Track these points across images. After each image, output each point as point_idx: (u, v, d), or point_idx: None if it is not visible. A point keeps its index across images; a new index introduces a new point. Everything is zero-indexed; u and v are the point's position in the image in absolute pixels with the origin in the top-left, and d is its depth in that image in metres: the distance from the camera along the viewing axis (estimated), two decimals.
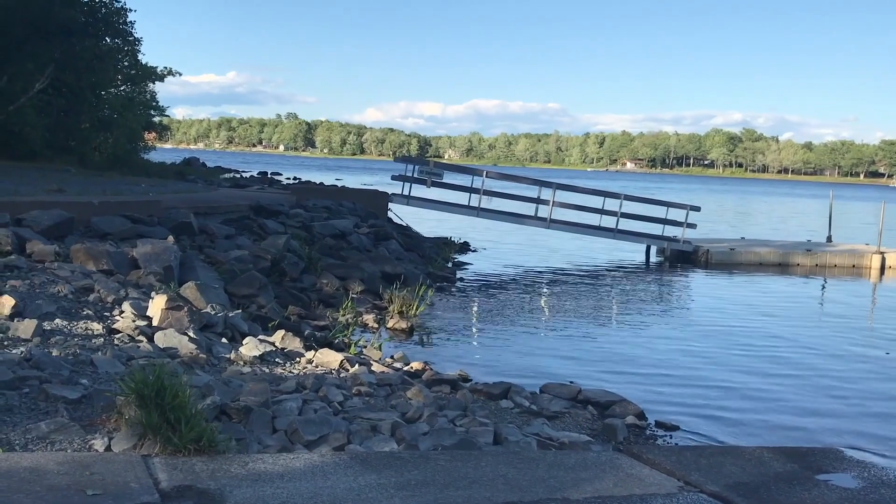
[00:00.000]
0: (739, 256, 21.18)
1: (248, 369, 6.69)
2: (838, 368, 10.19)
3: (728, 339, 11.68)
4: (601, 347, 10.77)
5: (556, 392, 7.79)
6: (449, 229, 23.67)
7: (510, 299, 14.38)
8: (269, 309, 9.78)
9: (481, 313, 12.86)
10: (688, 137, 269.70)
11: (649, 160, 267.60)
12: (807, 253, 21.61)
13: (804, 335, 12.24)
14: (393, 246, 16.08)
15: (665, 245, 21.77)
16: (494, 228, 25.47)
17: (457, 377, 7.94)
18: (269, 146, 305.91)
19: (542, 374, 8.96)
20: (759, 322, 13.14)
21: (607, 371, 9.47)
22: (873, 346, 11.63)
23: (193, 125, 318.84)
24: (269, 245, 12.06)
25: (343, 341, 9.15)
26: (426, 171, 20.89)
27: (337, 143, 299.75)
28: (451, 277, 15.88)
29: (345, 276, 12.56)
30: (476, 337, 11.08)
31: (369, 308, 11.55)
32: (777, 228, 35.88)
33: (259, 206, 15.90)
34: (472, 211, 21.02)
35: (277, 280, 11.32)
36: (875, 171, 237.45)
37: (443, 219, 26.07)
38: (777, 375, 9.64)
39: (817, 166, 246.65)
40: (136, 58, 27.96)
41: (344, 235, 15.22)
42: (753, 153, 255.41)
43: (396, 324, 10.79)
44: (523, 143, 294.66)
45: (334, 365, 7.30)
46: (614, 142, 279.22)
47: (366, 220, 17.72)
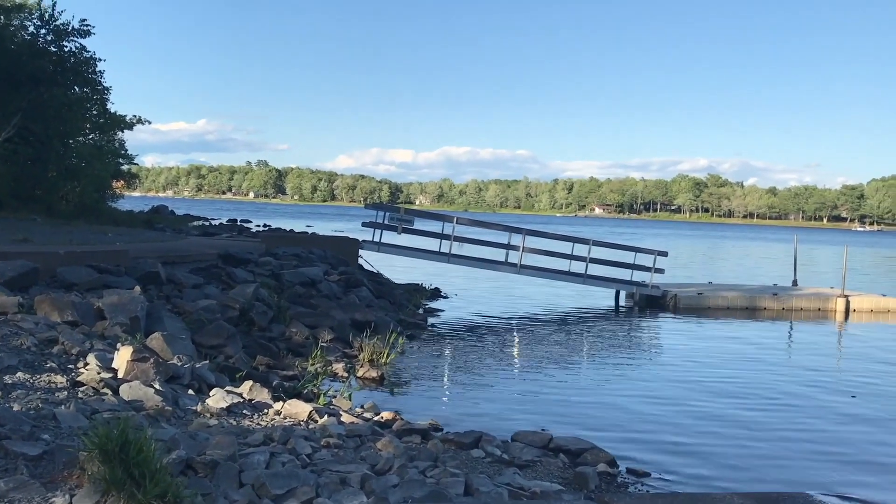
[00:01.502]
0: (707, 301, 21.40)
1: (215, 422, 6.59)
2: (806, 413, 10.26)
3: (697, 384, 11.74)
4: (573, 394, 10.76)
5: (528, 440, 7.76)
6: (420, 275, 23.66)
7: (482, 346, 14.36)
8: (237, 359, 9.67)
9: (453, 360, 12.81)
10: (655, 183, 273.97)
11: (617, 206, 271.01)
12: (773, 297, 21.90)
13: (772, 380, 12.33)
14: (363, 293, 16.03)
15: (634, 290, 21.94)
16: (465, 274, 25.53)
17: (428, 427, 7.88)
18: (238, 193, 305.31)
19: (513, 421, 8.93)
20: (729, 368, 13.23)
21: (579, 417, 9.46)
22: (840, 391, 11.75)
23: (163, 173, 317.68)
24: (238, 294, 11.96)
25: (312, 391, 9.05)
26: (397, 218, 20.93)
27: (308, 190, 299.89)
28: (422, 324, 15.84)
29: (314, 325, 12.48)
30: (448, 385, 11.02)
31: (339, 357, 11.46)
32: (744, 272, 36.37)
33: (228, 254, 15.81)
34: (443, 257, 21.07)
35: (246, 329, 11.21)
36: (837, 215, 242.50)
37: (414, 265, 26.09)
38: (747, 421, 9.69)
39: (781, 211, 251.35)
40: (105, 106, 27.93)
41: (314, 283, 15.15)
42: (719, 198, 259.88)
43: (367, 372, 10.70)
44: (493, 190, 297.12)
45: (303, 416, 7.21)
46: (583, 188, 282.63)
47: (336, 268, 17.68)
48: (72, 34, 25.12)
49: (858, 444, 8.90)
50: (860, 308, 21.91)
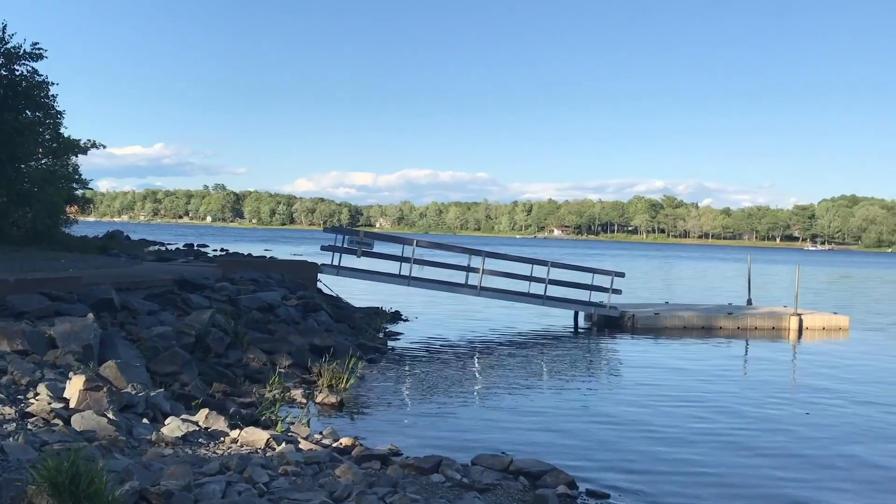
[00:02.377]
0: (664, 321, 21.67)
1: (170, 451, 6.48)
2: (762, 431, 10.42)
3: (655, 405, 11.86)
4: (533, 416, 10.78)
5: (488, 463, 7.75)
6: (380, 299, 23.59)
7: (442, 369, 14.33)
8: (193, 387, 9.53)
9: (413, 384, 12.76)
10: (612, 205, 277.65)
11: (575, 227, 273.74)
12: (729, 316, 22.25)
13: (728, 400, 12.51)
14: (322, 317, 15.92)
15: (592, 311, 22.14)
16: (426, 297, 25.52)
17: (387, 452, 7.83)
18: (196, 218, 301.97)
19: (474, 445, 8.92)
20: (685, 388, 13.39)
21: (539, 440, 9.49)
22: (794, 408, 11.96)
23: (118, 197, 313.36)
24: (194, 320, 11.80)
25: (270, 418, 8.95)
26: (356, 241, 20.88)
27: (266, 214, 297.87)
28: (382, 348, 15.77)
29: (272, 350, 12.35)
30: (408, 409, 10.97)
31: (298, 382, 11.35)
32: (699, 292, 36.93)
33: (183, 279, 15.60)
34: (403, 280, 21.05)
35: (202, 356, 11.05)
36: (790, 234, 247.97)
37: (374, 288, 26.01)
38: (703, 441, 9.80)
39: (736, 231, 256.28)
40: (57, 131, 27.45)
41: (271, 308, 15.01)
42: (675, 219, 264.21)
43: (326, 398, 10.61)
44: (454, 212, 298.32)
45: (260, 444, 7.13)
46: (541, 210, 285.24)
47: (294, 292, 17.54)
48: (23, 58, 24.73)
49: (812, 460, 9.06)
50: (812, 326, 22.37)
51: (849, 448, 9.63)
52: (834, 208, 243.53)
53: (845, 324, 22.84)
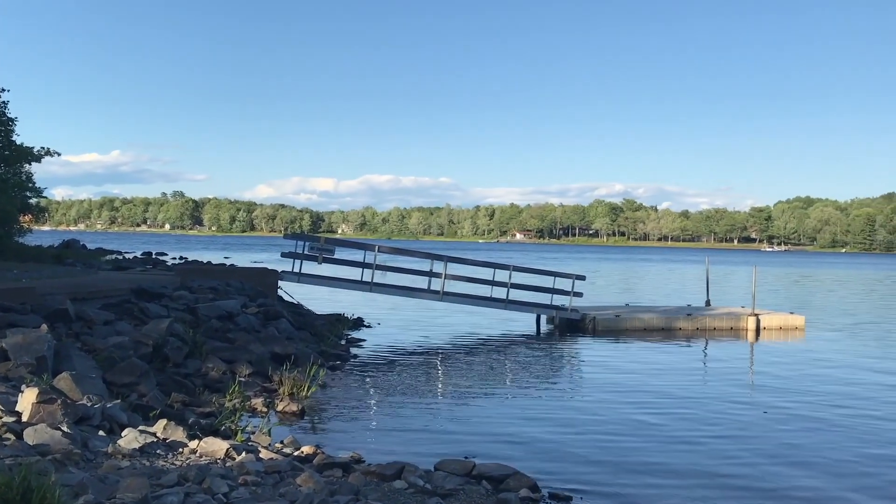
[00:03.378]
0: (625, 323, 21.88)
1: (127, 463, 6.37)
2: (722, 432, 10.56)
3: (616, 407, 11.96)
4: (496, 420, 10.81)
5: (451, 468, 7.74)
6: (342, 305, 23.48)
7: (405, 375, 14.30)
8: (151, 397, 9.38)
9: (376, 390, 12.71)
10: (573, 208, 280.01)
11: (537, 231, 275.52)
12: (688, 317, 22.55)
13: (689, 400, 12.67)
14: (283, 325, 15.78)
15: (554, 314, 22.28)
16: (388, 303, 25.47)
17: (349, 459, 7.79)
18: (154, 225, 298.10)
19: (437, 450, 8.91)
20: (646, 389, 13.53)
21: (502, 444, 9.50)
22: (752, 407, 12.15)
23: (74, 206, 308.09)
24: (151, 330, 11.62)
25: (230, 428, 8.84)
26: (317, 248, 20.76)
27: (226, 221, 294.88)
28: (344, 355, 15.68)
29: (232, 359, 12.21)
30: (370, 415, 10.91)
31: (258, 391, 11.24)
32: (659, 294, 37.38)
33: (141, 289, 15.37)
34: (365, 286, 20.97)
35: (160, 366, 10.89)
36: (747, 236, 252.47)
37: (336, 295, 25.88)
38: (664, 441, 9.92)
39: (694, 233, 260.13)
40: (9, 138, 26.90)
41: (231, 316, 14.84)
42: (634, 222, 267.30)
43: (287, 406, 10.52)
44: (416, 217, 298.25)
45: (220, 454, 7.03)
46: (504, 214, 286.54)
47: (254, 300, 17.37)
48: None
49: (771, 457, 9.21)
50: (770, 326, 22.77)
51: (807, 445, 9.81)
52: (789, 210, 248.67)
53: (801, 323, 23.29)
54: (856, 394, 13.35)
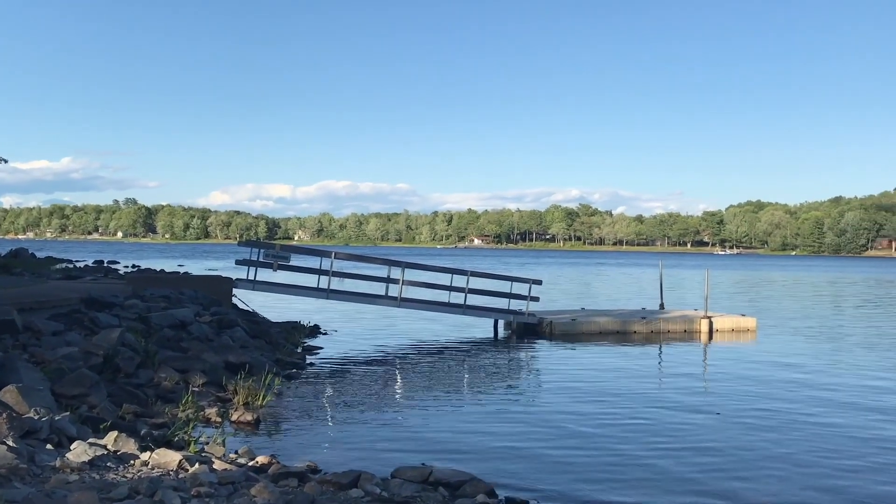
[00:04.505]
0: (581, 326, 22.07)
1: (76, 477, 6.22)
2: (676, 433, 10.70)
3: (573, 410, 12.05)
4: (454, 426, 10.80)
5: (408, 476, 7.72)
6: (299, 313, 23.28)
7: (362, 382, 14.22)
8: (102, 409, 9.17)
9: (332, 399, 12.61)
10: (530, 214, 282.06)
11: (495, 236, 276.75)
12: (642, 320, 22.82)
13: (643, 402, 12.82)
14: (238, 334, 15.58)
15: (511, 318, 22.37)
16: (346, 310, 25.32)
17: (305, 469, 7.71)
18: (106, 234, 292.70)
19: (394, 457, 8.88)
20: (601, 392, 13.66)
21: (460, 449, 9.50)
22: (705, 409, 12.33)
23: (22, 214, 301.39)
24: (102, 340, 11.39)
25: (183, 439, 8.68)
26: (272, 255, 20.53)
27: (180, 228, 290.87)
28: (300, 363, 15.54)
29: (185, 369, 12.02)
30: (327, 424, 10.82)
31: (212, 401, 11.07)
32: (615, 297, 37.79)
33: (91, 298, 15.05)
34: (322, 293, 20.82)
35: (111, 377, 10.66)
36: (700, 240, 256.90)
37: (292, 303, 25.68)
38: (620, 443, 10.01)
39: (649, 237, 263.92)
40: None
41: (184, 325, 14.61)
42: (590, 227, 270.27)
43: (241, 416, 10.38)
44: (374, 223, 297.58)
45: (172, 465, 6.91)
46: (461, 219, 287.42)
47: (208, 308, 17.13)
48: None
49: (724, 457, 9.35)
50: (722, 328, 23.16)
51: (760, 447, 9.98)
52: (741, 214, 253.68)
53: (752, 325, 23.72)
54: (806, 394, 13.64)
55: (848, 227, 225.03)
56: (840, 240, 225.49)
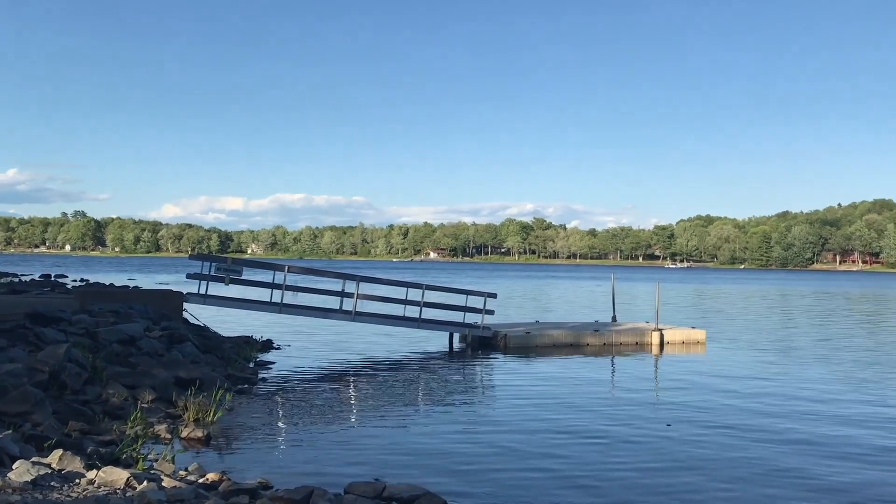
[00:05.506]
0: (535, 339, 22.21)
1: (18, 497, 6.06)
2: (629, 445, 10.81)
3: (528, 424, 12.10)
4: (408, 440, 10.77)
5: (361, 491, 7.67)
6: (251, 328, 23.03)
7: (316, 397, 14.09)
8: (47, 426, 8.95)
9: (285, 414, 12.47)
10: (485, 227, 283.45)
11: (451, 249, 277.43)
12: (595, 333, 23.06)
13: (596, 414, 12.95)
14: (188, 349, 15.33)
15: (466, 332, 22.42)
16: (299, 324, 25.11)
17: (257, 485, 7.62)
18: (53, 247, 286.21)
19: (348, 473, 8.81)
20: (556, 405, 13.75)
21: (414, 464, 9.47)
22: (656, 421, 12.49)
23: None
24: (47, 356, 11.11)
25: (132, 456, 8.51)
26: (224, 269, 20.26)
27: (130, 241, 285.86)
28: (252, 378, 15.36)
29: (134, 385, 11.79)
30: (279, 440, 10.70)
31: (162, 417, 10.87)
32: (568, 310, 38.11)
33: (36, 313, 14.68)
34: (275, 307, 20.60)
35: (57, 394, 10.41)
36: (652, 253, 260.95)
37: (244, 317, 25.39)
38: (574, 455, 10.09)
39: (601, 251, 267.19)
40: None
41: (133, 340, 14.33)
42: (545, 240, 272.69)
43: (192, 432, 10.21)
44: (329, 236, 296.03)
45: (119, 483, 6.77)
46: (417, 233, 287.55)
47: (158, 323, 16.83)
48: None
49: (673, 467, 9.48)
50: (673, 340, 23.51)
51: (708, 456, 10.14)
52: (691, 228, 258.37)
53: (702, 337, 24.13)
54: (755, 405, 13.90)
55: (795, 242, 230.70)
56: (787, 253, 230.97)
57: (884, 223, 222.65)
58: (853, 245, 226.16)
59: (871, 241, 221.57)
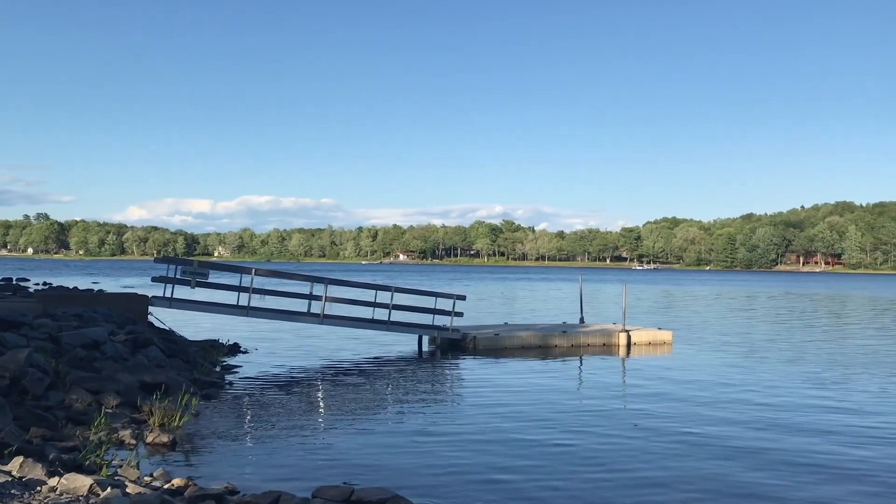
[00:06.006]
0: (504, 341, 22.28)
1: None
2: (596, 445, 10.89)
3: (495, 424, 12.14)
4: (377, 443, 10.73)
5: (329, 495, 7.64)
6: (217, 331, 22.81)
7: (283, 400, 14.00)
8: (7, 433, 8.77)
9: (252, 418, 12.38)
10: (454, 230, 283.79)
11: (420, 252, 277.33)
12: (563, 334, 23.19)
13: (564, 415, 13.03)
14: (153, 353, 15.15)
15: (435, 334, 22.41)
16: (267, 327, 24.94)
17: (223, 491, 7.55)
18: (15, 250, 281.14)
19: (316, 477, 8.77)
20: (525, 407, 13.80)
21: (383, 467, 9.45)
22: (624, 420, 12.61)
23: None
24: (8, 361, 10.90)
25: (95, 462, 8.38)
26: (189, 272, 20.04)
27: (94, 244, 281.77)
28: (219, 382, 15.21)
29: (98, 390, 11.62)
30: (246, 444, 10.61)
31: (126, 423, 10.72)
32: (537, 312, 38.30)
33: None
34: (242, 310, 20.42)
35: (18, 399, 10.22)
36: (619, 255, 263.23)
37: (211, 321, 25.15)
38: (543, 457, 10.14)
39: (569, 253, 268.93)
40: None
41: (97, 345, 14.12)
42: (513, 242, 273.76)
43: (157, 438, 10.08)
44: (297, 239, 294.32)
45: (82, 490, 6.67)
46: (387, 235, 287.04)
47: (123, 327, 16.61)
48: None
49: (641, 467, 9.57)
50: (639, 341, 23.73)
51: (675, 455, 10.25)
52: (657, 230, 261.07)
53: (669, 338, 24.39)
54: (719, 405, 14.07)
55: (759, 243, 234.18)
56: (751, 255, 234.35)
57: (845, 225, 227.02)
58: (816, 247, 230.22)
59: (833, 243, 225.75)
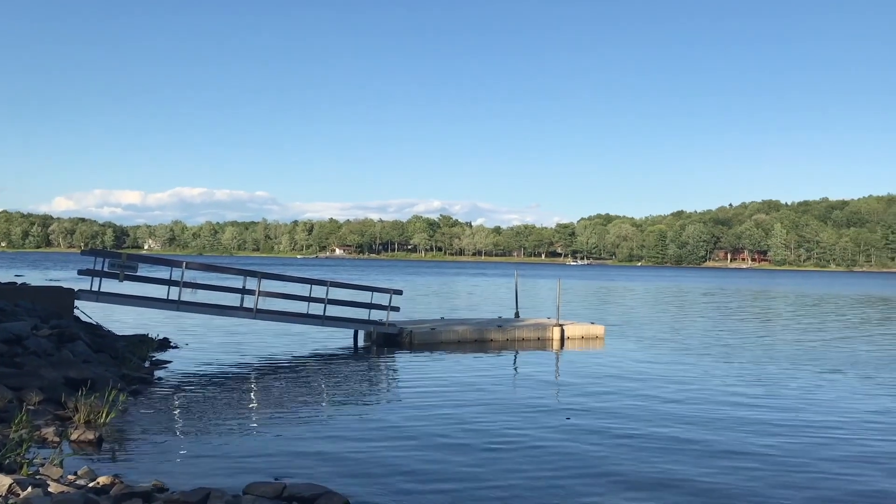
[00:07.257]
0: (440, 336, 22.34)
1: None
2: (529, 438, 11.00)
3: (429, 419, 12.17)
4: (309, 438, 10.64)
5: (260, 491, 7.54)
6: (147, 326, 22.29)
7: (215, 396, 13.75)
8: None
9: (182, 414, 12.12)
10: (392, 224, 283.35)
11: (357, 246, 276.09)
12: (499, 329, 23.37)
13: (498, 409, 13.14)
14: (80, 348, 14.70)
15: (371, 329, 22.33)
16: (199, 322, 24.48)
17: (151, 488, 7.38)
18: None
19: (247, 473, 8.65)
20: (459, 401, 13.86)
21: (316, 463, 9.37)
22: (557, 413, 12.78)
23: None
24: None
25: (15, 461, 8.10)
26: (118, 264, 19.49)
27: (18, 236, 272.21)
28: (147, 378, 14.86)
29: (19, 386, 11.22)
30: (175, 441, 10.38)
31: (50, 420, 10.39)
32: (473, 307, 38.51)
33: None
34: (172, 304, 19.96)
35: None
36: (554, 251, 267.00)
37: (140, 315, 24.57)
38: (477, 451, 10.20)
39: (506, 248, 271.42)
40: None
41: (19, 340, 13.63)
42: (451, 237, 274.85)
43: (82, 435, 9.79)
44: (230, 232, 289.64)
45: (2, 490, 6.45)
46: (323, 229, 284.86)
47: (47, 321, 16.07)
48: None
49: (572, 461, 9.71)
50: (573, 336, 24.08)
51: (605, 448, 10.44)
52: (591, 226, 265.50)
53: (601, 332, 24.82)
54: (649, 399, 14.38)
55: (689, 240, 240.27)
56: (682, 251, 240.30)
57: (771, 223, 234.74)
58: (743, 244, 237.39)
59: (759, 240, 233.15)
